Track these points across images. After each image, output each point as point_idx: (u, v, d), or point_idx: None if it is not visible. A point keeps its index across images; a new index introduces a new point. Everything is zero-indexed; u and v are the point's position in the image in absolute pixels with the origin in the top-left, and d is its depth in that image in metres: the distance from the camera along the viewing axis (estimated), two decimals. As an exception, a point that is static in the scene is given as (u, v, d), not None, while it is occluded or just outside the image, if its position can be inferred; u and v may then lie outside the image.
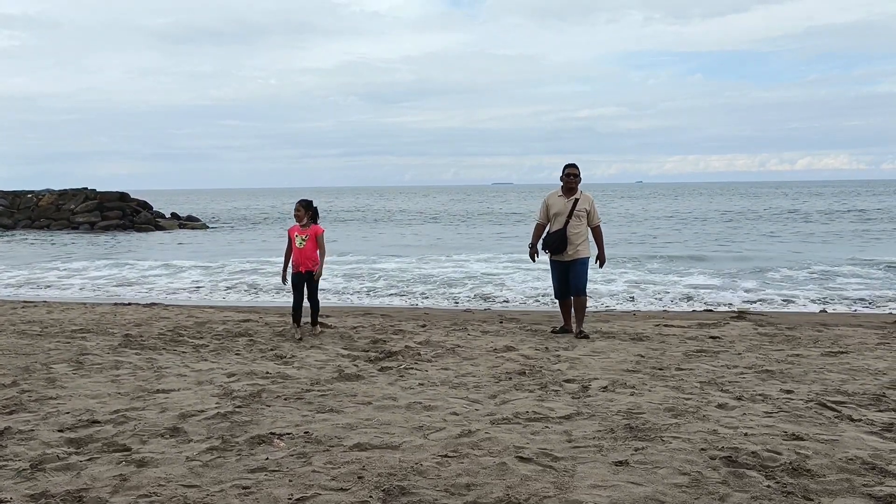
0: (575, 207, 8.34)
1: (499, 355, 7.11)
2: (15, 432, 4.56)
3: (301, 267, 8.37)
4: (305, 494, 3.54)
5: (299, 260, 8.38)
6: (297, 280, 8.42)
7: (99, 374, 6.27)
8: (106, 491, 3.62)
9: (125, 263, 21.20)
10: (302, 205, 8.50)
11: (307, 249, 8.36)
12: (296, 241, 8.37)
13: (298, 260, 8.38)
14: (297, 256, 8.39)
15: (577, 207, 8.36)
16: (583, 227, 8.38)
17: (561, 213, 8.34)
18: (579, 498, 3.48)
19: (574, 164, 8.55)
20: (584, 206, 8.41)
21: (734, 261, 20.38)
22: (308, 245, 8.36)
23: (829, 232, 32.02)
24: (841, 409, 5.02)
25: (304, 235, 8.36)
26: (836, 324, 9.29)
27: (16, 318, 9.83)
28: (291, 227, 8.55)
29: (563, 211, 8.33)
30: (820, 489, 3.60)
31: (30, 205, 41.55)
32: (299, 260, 8.38)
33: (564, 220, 8.30)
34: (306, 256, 8.37)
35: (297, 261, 8.40)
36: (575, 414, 4.96)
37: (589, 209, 8.42)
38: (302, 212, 8.44)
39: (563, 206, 8.36)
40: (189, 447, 4.28)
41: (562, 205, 8.38)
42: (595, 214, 8.49)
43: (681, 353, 7.10)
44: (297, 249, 8.37)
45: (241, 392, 5.55)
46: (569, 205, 8.34)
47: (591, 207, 8.44)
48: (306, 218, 8.43)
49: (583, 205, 8.40)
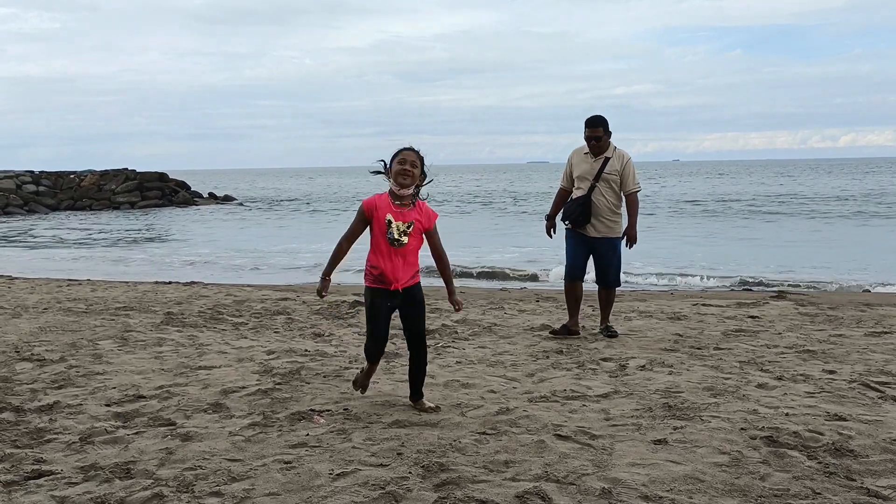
0: (603, 169, 6.72)
1: (536, 334, 7.11)
2: (64, 406, 4.69)
3: (396, 282, 4.42)
4: (346, 470, 3.60)
5: (392, 268, 4.41)
6: (385, 302, 4.49)
7: (143, 350, 6.41)
8: (153, 464, 3.71)
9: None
10: (416, 155, 4.43)
11: (408, 250, 4.42)
12: (386, 233, 4.37)
13: (390, 268, 4.41)
14: (388, 262, 4.41)
15: (605, 169, 6.72)
16: (613, 196, 6.75)
17: (586, 175, 6.77)
18: (618, 476, 3.48)
19: (598, 119, 6.75)
20: (615, 166, 6.73)
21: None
22: (412, 242, 4.42)
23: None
24: (885, 389, 4.94)
25: (405, 223, 4.38)
26: (879, 303, 9.11)
27: (61, 295, 10.07)
28: (372, 199, 4.46)
29: (589, 173, 6.76)
30: (863, 469, 3.56)
31: (72, 185, 42.39)
32: (392, 268, 4.41)
33: (589, 186, 6.73)
34: (407, 262, 4.45)
35: (386, 269, 4.41)
36: (613, 392, 4.95)
37: (622, 171, 6.74)
38: (418, 167, 4.41)
39: (588, 168, 6.78)
40: (231, 422, 4.36)
41: (587, 166, 6.79)
42: (631, 178, 6.77)
43: (719, 333, 7.03)
44: (388, 248, 4.39)
45: (281, 369, 5.63)
46: (596, 165, 6.75)
47: (625, 170, 6.75)
48: (412, 180, 4.40)
49: (614, 165, 6.73)
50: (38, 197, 40.44)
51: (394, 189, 4.41)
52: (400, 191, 4.39)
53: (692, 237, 22.11)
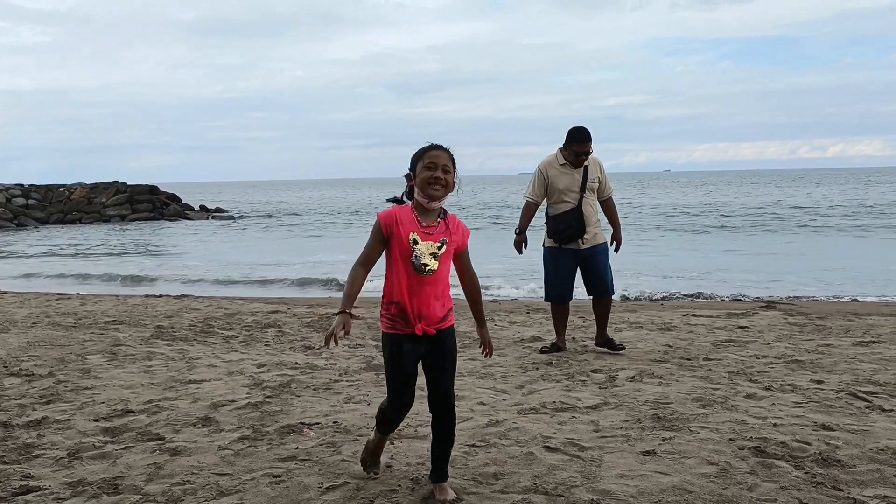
0: (587, 178, 6.58)
1: (526, 345, 7.12)
2: (52, 422, 4.67)
3: (421, 319, 3.37)
4: (335, 483, 3.60)
5: (417, 304, 3.38)
6: (409, 351, 3.41)
7: (132, 364, 6.39)
8: (141, 479, 3.70)
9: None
10: (448, 155, 3.40)
11: (439, 278, 3.40)
12: (410, 257, 3.34)
13: (415, 304, 3.37)
14: (411, 295, 3.36)
15: (588, 178, 6.59)
16: (596, 203, 6.72)
17: (570, 188, 6.54)
18: (606, 487, 3.49)
19: (588, 133, 6.46)
20: (595, 173, 6.62)
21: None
22: (443, 267, 3.41)
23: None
24: (872, 399, 4.97)
25: (436, 242, 3.38)
26: (867, 313, 9.17)
27: (50, 310, 10.02)
28: (391, 213, 3.40)
29: (574, 185, 6.55)
30: (850, 479, 3.58)
31: (62, 198, 42.23)
32: (417, 304, 3.38)
33: (577, 197, 6.53)
34: (437, 295, 3.42)
35: (409, 304, 3.37)
36: (602, 404, 4.96)
37: (601, 177, 6.67)
38: (451, 172, 3.39)
39: (571, 180, 6.55)
40: (221, 436, 4.36)
41: (569, 178, 6.56)
42: (607, 183, 6.76)
43: (709, 343, 7.06)
44: (411, 277, 3.36)
45: (271, 382, 5.62)
46: (578, 176, 6.55)
47: (602, 175, 6.68)
48: (446, 190, 3.39)
49: (595, 172, 6.62)
50: (28, 210, 40.26)
51: (420, 201, 3.36)
52: (429, 203, 3.36)
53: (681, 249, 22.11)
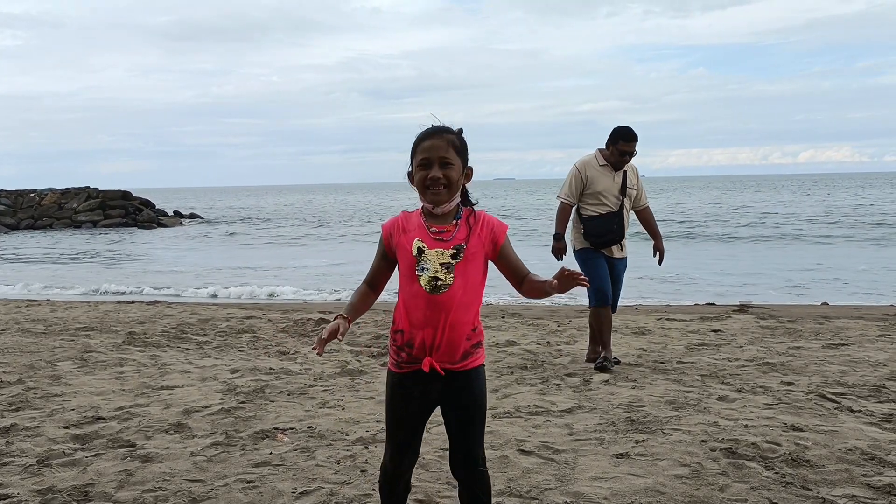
0: (626, 183, 6.22)
1: (501, 349, 7.14)
2: (21, 429, 4.60)
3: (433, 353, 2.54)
4: (309, 488, 3.58)
5: (428, 333, 2.53)
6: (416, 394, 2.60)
7: (103, 371, 6.31)
8: (112, 486, 3.66)
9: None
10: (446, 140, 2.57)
11: (455, 299, 2.53)
12: (415, 270, 2.56)
13: (428, 335, 2.53)
14: (419, 321, 2.54)
15: (627, 183, 6.22)
16: (630, 212, 6.36)
17: (609, 191, 6.16)
18: (580, 490, 3.51)
19: (632, 131, 6.11)
20: (633, 181, 6.28)
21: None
22: (463, 283, 2.54)
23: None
24: (841, 400, 5.05)
25: (449, 249, 2.56)
26: (837, 316, 9.30)
27: (20, 316, 9.87)
28: (395, 221, 2.70)
29: (613, 188, 6.17)
30: (819, 479, 3.63)
31: (32, 204, 41.66)
32: (428, 333, 2.53)
33: (617, 202, 6.16)
34: (453, 321, 2.54)
35: (418, 333, 2.55)
36: (576, 407, 4.99)
37: (638, 185, 6.33)
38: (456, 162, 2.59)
39: (611, 183, 6.17)
40: (193, 442, 4.32)
41: (609, 181, 6.17)
42: (643, 191, 6.44)
43: (682, 347, 7.13)
44: (418, 297, 2.54)
45: (245, 388, 5.58)
46: (618, 180, 6.19)
47: (639, 182, 6.37)
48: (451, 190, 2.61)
49: (633, 180, 6.27)
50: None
51: (426, 206, 2.65)
52: (435, 209, 2.62)
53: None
